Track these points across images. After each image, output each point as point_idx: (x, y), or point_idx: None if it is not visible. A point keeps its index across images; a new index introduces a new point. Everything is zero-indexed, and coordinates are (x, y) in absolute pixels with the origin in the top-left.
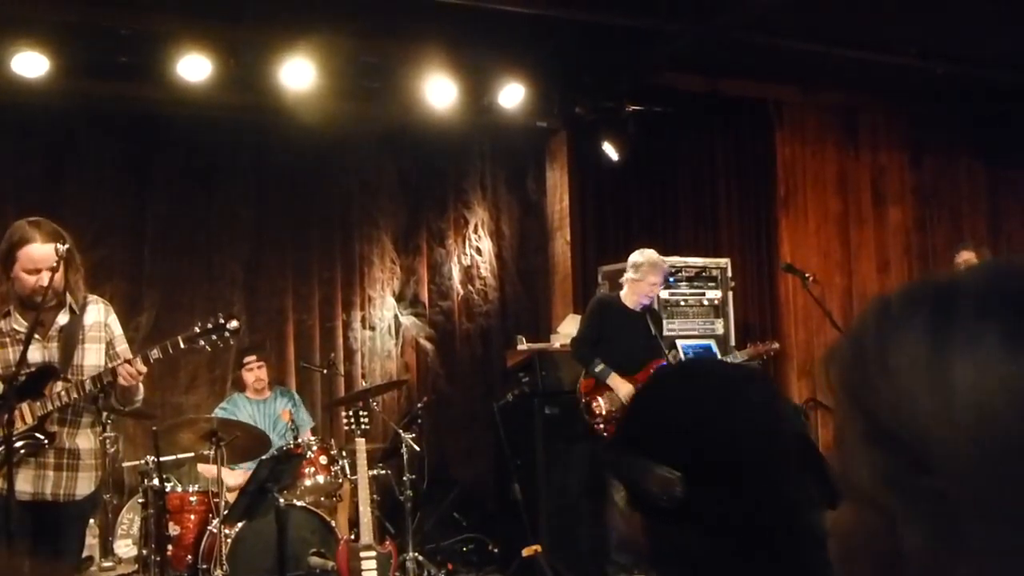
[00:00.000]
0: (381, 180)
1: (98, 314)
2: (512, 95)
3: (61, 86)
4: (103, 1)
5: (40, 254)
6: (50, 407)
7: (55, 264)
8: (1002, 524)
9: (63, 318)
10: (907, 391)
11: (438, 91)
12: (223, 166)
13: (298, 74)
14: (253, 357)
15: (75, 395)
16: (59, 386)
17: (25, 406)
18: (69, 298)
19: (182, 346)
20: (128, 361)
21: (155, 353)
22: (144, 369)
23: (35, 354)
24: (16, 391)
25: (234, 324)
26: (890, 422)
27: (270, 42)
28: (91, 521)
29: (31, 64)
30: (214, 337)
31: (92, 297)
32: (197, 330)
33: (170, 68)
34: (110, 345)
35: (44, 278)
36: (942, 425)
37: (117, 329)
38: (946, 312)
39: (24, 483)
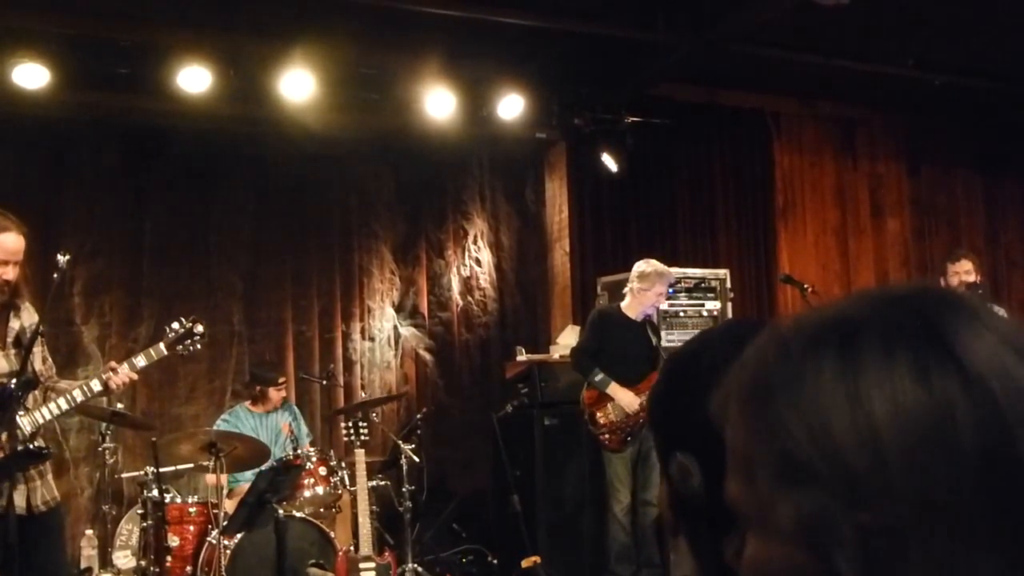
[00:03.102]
0: (380, 191)
1: (32, 316)
2: (511, 106)
3: (61, 97)
4: (103, 13)
5: (14, 245)
6: (40, 421)
7: (20, 259)
8: (936, 555)
9: (16, 323)
10: (826, 427)
11: (437, 102)
12: (222, 177)
13: (297, 85)
14: (284, 378)
15: (65, 406)
16: (30, 398)
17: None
18: (20, 302)
19: (165, 353)
20: (114, 369)
21: (140, 360)
22: (135, 377)
23: (0, 363)
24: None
25: (199, 328)
26: (810, 459)
27: (269, 53)
28: (89, 532)
29: (31, 76)
30: (188, 342)
31: (24, 303)
32: (172, 336)
33: (170, 80)
34: (43, 346)
35: (9, 271)
36: (868, 458)
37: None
38: (852, 348)
39: (18, 499)
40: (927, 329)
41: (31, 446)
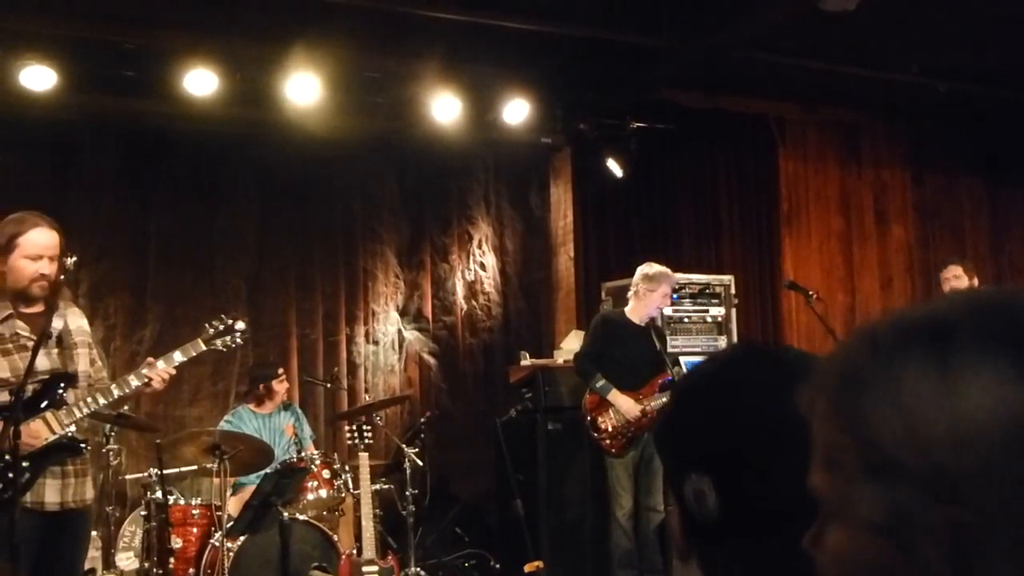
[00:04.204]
0: (385, 195)
1: (79, 318)
2: (516, 111)
3: (68, 100)
4: (110, 16)
5: (46, 240)
6: (77, 414)
7: (57, 254)
8: None
9: (58, 323)
10: (919, 423)
11: (442, 107)
12: (227, 180)
13: (303, 89)
14: (283, 370)
15: (102, 401)
16: (70, 394)
17: (49, 415)
18: (61, 303)
19: (203, 348)
20: (152, 364)
21: (178, 356)
22: (174, 372)
23: (41, 360)
24: (34, 400)
25: (240, 325)
26: (900, 452)
27: (275, 57)
28: (92, 533)
29: (39, 78)
30: (227, 339)
31: (66, 302)
32: (211, 332)
33: (176, 82)
34: (90, 348)
35: (46, 266)
36: (963, 455)
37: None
38: (947, 345)
39: (52, 494)
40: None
41: (66, 438)
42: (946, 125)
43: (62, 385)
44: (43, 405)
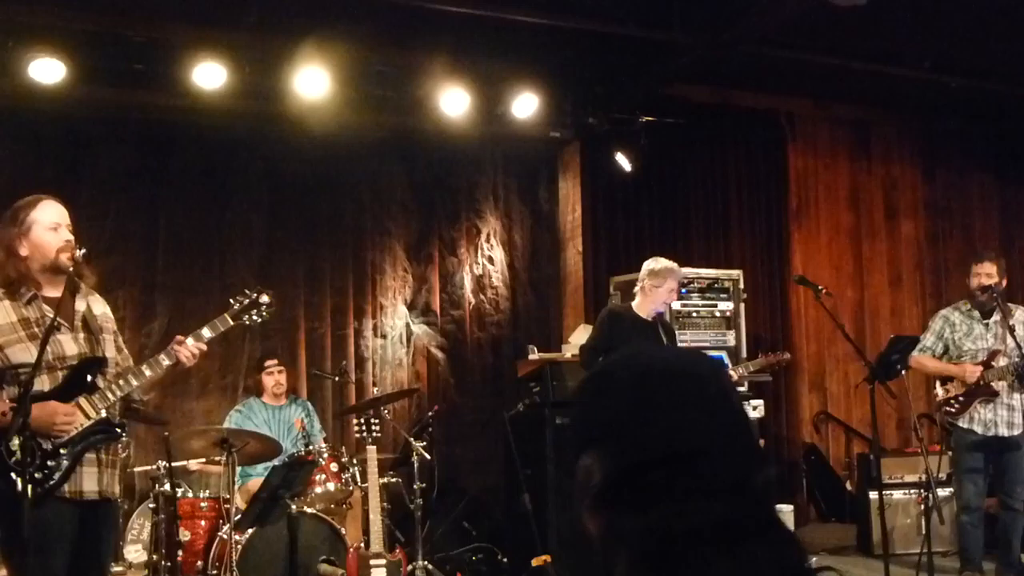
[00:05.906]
0: (393, 189)
1: (103, 305)
2: (525, 105)
3: (77, 93)
4: (119, 9)
5: (58, 211)
6: (111, 398)
7: (70, 226)
8: None
9: (81, 305)
10: None
11: (451, 100)
12: (236, 174)
13: (312, 82)
14: (275, 361)
15: (135, 382)
16: (99, 379)
17: (83, 400)
18: (83, 286)
19: (231, 323)
20: (181, 342)
21: (207, 332)
22: (204, 347)
23: (69, 345)
24: (66, 386)
25: (265, 298)
26: None
27: (284, 50)
28: None
29: (48, 70)
30: (253, 312)
31: (88, 289)
32: (237, 307)
33: (185, 76)
34: (115, 335)
35: (66, 233)
36: None
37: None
38: None
39: (90, 482)
40: None
41: (102, 422)
42: (957, 121)
43: (92, 369)
44: (75, 390)
